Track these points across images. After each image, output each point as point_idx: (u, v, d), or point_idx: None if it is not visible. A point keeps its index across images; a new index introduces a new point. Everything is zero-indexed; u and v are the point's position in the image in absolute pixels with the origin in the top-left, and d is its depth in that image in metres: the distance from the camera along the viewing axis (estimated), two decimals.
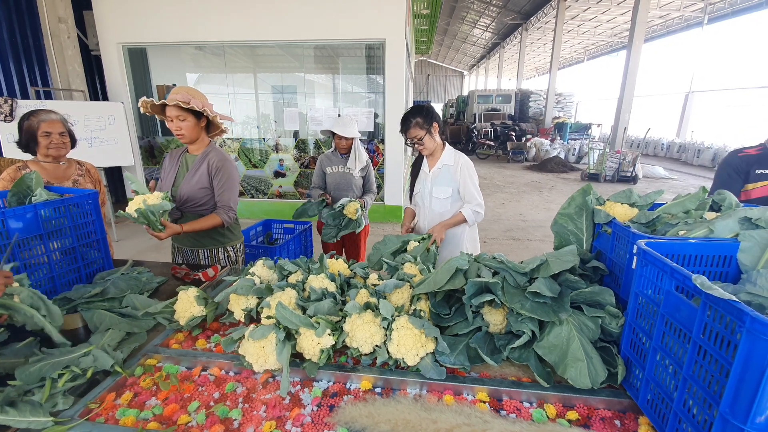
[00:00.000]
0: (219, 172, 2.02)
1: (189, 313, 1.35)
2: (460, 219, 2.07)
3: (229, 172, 2.05)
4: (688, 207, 1.25)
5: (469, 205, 2.09)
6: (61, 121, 2.11)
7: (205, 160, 2.03)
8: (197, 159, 2.05)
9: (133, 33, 5.73)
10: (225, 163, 2.04)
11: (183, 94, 1.88)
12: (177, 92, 1.89)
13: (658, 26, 18.81)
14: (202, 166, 2.03)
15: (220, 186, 2.03)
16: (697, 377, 0.78)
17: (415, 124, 2.06)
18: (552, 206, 7.40)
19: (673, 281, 0.85)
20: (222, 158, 2.05)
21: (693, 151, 14.38)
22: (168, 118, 1.93)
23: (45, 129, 2.05)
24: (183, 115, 1.92)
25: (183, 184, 2.02)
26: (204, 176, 2.02)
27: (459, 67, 40.81)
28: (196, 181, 2.02)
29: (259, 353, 1.10)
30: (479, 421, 0.95)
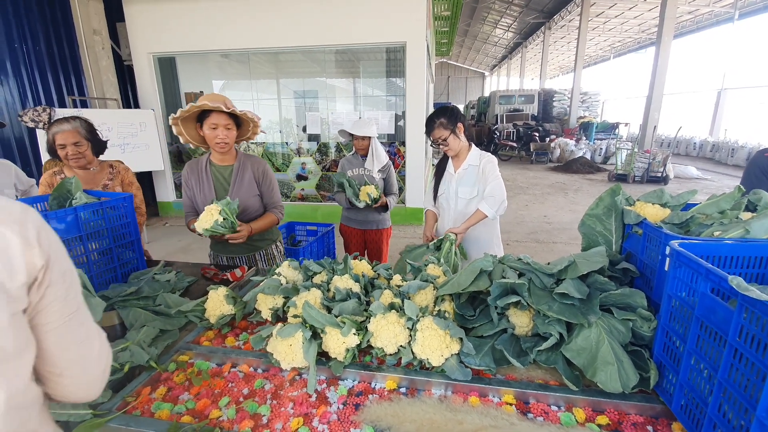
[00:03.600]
0: (265, 177, 2.08)
1: (219, 311, 1.39)
2: (480, 216, 2.04)
3: (272, 173, 2.14)
4: (723, 207, 1.21)
5: (486, 199, 2.04)
6: (75, 131, 2.04)
7: (247, 169, 2.04)
8: (235, 169, 2.02)
9: (163, 43, 5.96)
10: (266, 167, 2.11)
11: (229, 102, 1.79)
12: (216, 99, 1.77)
13: (687, 22, 18.14)
14: (246, 174, 2.03)
15: (268, 189, 2.10)
16: (733, 381, 0.75)
17: (439, 124, 2.06)
18: (578, 208, 7.22)
19: (709, 283, 0.83)
20: (262, 163, 2.10)
21: (727, 150, 13.76)
22: (211, 125, 1.83)
23: (59, 142, 2.01)
24: (231, 124, 1.86)
25: (233, 196, 1.99)
26: (252, 184, 2.04)
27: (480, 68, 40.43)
28: (245, 191, 2.02)
29: (287, 351, 1.13)
30: (506, 424, 0.94)
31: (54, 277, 0.58)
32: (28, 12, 5.17)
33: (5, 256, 0.52)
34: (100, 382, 0.68)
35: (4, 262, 0.52)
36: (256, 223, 1.97)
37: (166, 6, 5.75)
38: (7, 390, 0.52)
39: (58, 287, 0.59)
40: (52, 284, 0.58)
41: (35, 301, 0.57)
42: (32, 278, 0.55)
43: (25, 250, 0.54)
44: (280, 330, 1.16)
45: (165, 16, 5.80)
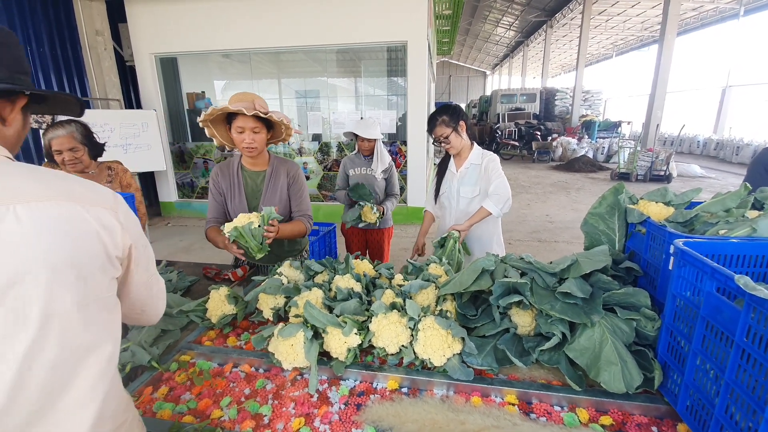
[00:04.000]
0: (295, 181, 1.94)
1: (220, 311, 1.39)
2: (483, 214, 2.02)
3: (303, 178, 1.98)
4: (729, 205, 1.20)
5: (491, 197, 2.03)
6: (70, 136, 2.01)
7: (280, 175, 1.90)
8: (268, 174, 1.89)
9: (165, 43, 5.97)
10: (299, 171, 1.96)
11: (259, 102, 1.63)
12: (244, 99, 1.63)
13: (691, 19, 18.03)
14: (281, 179, 1.90)
15: (297, 194, 1.94)
16: (741, 382, 0.74)
17: (441, 122, 2.04)
18: (580, 207, 7.19)
19: (714, 282, 0.82)
20: (295, 166, 1.96)
21: (731, 148, 13.68)
22: (238, 129, 1.68)
23: (55, 147, 1.99)
24: (259, 127, 1.69)
25: (266, 202, 1.88)
26: (284, 190, 1.92)
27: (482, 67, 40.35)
28: (279, 197, 1.91)
29: (288, 351, 1.12)
30: (508, 424, 0.93)
31: (138, 253, 0.73)
32: (33, 14, 5.19)
33: (112, 235, 0.65)
34: (162, 309, 0.89)
35: (114, 240, 0.65)
36: (284, 226, 1.78)
37: (168, 7, 5.75)
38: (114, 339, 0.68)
39: (141, 259, 0.74)
40: (137, 258, 0.73)
41: (126, 269, 0.72)
42: (125, 254, 0.70)
43: (122, 232, 0.67)
44: (281, 330, 1.15)
45: (167, 17, 5.81)
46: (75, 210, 0.61)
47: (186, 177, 6.72)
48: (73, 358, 0.60)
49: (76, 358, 0.61)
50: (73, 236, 0.60)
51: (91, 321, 0.63)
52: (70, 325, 0.59)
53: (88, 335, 0.62)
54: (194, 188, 6.75)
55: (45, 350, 0.57)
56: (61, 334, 0.58)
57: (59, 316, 0.58)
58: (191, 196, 6.79)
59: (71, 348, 0.60)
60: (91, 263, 0.62)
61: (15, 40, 0.69)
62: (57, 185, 0.61)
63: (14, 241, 0.55)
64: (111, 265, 0.65)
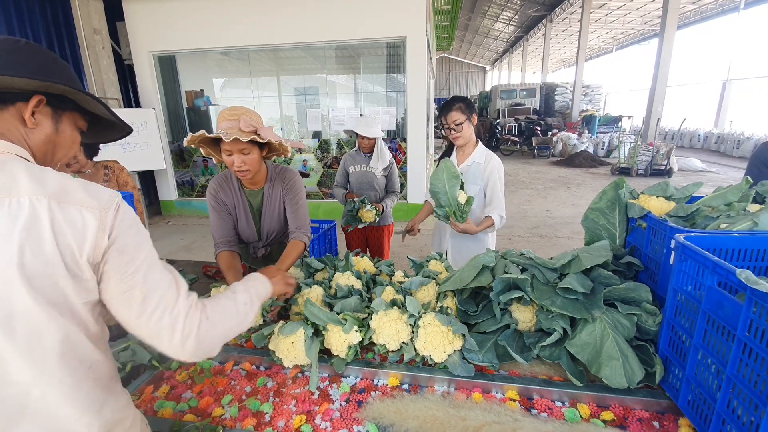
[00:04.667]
0: (290, 191, 1.74)
1: None
2: (489, 223, 2.05)
3: (299, 188, 1.77)
4: (730, 199, 1.19)
5: (496, 210, 2.06)
6: None
7: (277, 190, 1.74)
8: (266, 190, 1.73)
9: (163, 41, 5.94)
10: (295, 181, 1.76)
11: (245, 120, 1.41)
12: (234, 117, 1.44)
13: (691, 12, 17.92)
14: (278, 193, 1.75)
15: (292, 205, 1.74)
16: (743, 377, 0.74)
17: (458, 107, 2.03)
18: (580, 202, 7.18)
19: (716, 276, 0.81)
20: (290, 176, 1.76)
21: (732, 142, 13.63)
22: (226, 152, 1.47)
23: None
24: (248, 148, 1.47)
25: (266, 222, 1.78)
26: (281, 203, 1.77)
27: (481, 63, 40.19)
28: (278, 212, 1.78)
29: (289, 349, 1.12)
30: (509, 420, 0.93)
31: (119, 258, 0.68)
32: (30, 14, 5.17)
33: (82, 236, 0.63)
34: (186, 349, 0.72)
35: (82, 241, 0.63)
36: (283, 263, 1.58)
37: (165, 4, 5.72)
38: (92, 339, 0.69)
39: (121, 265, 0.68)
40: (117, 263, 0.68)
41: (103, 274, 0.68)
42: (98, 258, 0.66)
43: (97, 232, 0.65)
44: (281, 328, 1.15)
45: (165, 15, 5.78)
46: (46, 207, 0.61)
47: (186, 175, 6.71)
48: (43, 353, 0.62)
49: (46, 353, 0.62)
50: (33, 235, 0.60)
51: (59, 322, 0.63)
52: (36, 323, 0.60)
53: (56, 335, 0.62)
54: (194, 187, 6.74)
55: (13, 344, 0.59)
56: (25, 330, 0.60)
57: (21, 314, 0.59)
58: (191, 194, 6.78)
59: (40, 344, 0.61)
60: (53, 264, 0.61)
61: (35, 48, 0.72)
62: (50, 183, 0.63)
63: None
64: (79, 268, 0.64)
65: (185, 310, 0.72)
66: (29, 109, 0.70)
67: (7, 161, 0.64)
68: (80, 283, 0.64)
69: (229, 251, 1.66)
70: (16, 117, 0.69)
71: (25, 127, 0.70)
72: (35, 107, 0.70)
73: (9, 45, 0.70)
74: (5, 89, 0.68)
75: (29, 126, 0.70)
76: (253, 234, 1.79)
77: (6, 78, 0.65)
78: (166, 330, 0.70)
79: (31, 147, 0.71)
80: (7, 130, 0.69)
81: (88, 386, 0.67)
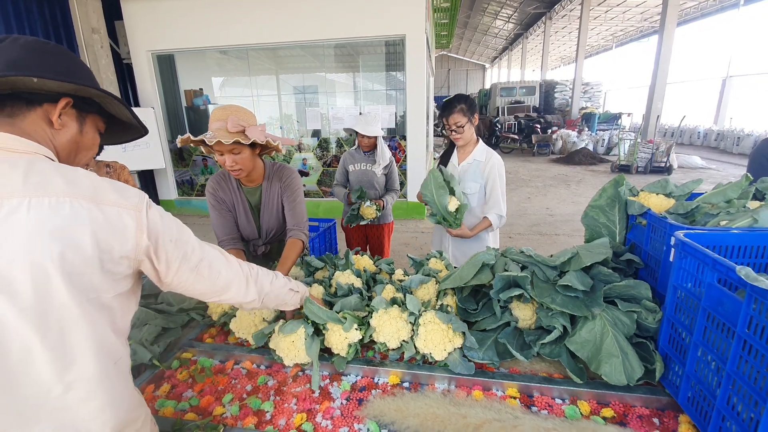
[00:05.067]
0: (288, 188, 1.73)
1: (221, 308, 1.39)
2: (486, 225, 2.06)
3: (297, 185, 1.76)
4: (730, 196, 1.19)
5: (493, 209, 2.07)
6: None
7: (275, 188, 1.74)
8: (264, 188, 1.73)
9: (162, 40, 5.93)
10: (293, 178, 1.75)
11: (232, 119, 1.41)
12: (222, 117, 1.43)
13: (691, 9, 17.87)
14: (275, 191, 1.74)
15: (290, 202, 1.73)
16: (742, 373, 0.74)
17: (460, 110, 2.02)
18: (580, 200, 7.17)
19: (715, 273, 0.81)
20: (288, 173, 1.75)
21: (732, 139, 13.62)
22: (217, 152, 1.48)
23: None
24: (238, 148, 1.47)
25: (265, 220, 1.78)
26: (279, 200, 1.76)
27: (481, 60, 40.11)
28: (276, 210, 1.77)
29: (290, 347, 1.12)
30: (510, 417, 0.93)
31: (166, 253, 0.73)
32: (29, 14, 5.15)
33: (122, 236, 0.66)
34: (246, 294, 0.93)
35: (123, 240, 0.66)
36: (284, 265, 1.55)
37: (164, 3, 5.71)
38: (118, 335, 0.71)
39: (171, 256, 0.74)
40: (166, 257, 0.73)
41: (164, 268, 0.74)
42: (139, 254, 0.69)
43: (136, 232, 0.67)
44: (282, 326, 1.15)
45: (163, 14, 5.77)
46: (86, 208, 0.62)
47: (185, 175, 6.71)
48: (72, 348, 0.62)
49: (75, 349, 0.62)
50: (73, 234, 0.61)
51: (92, 316, 0.64)
52: (69, 318, 0.61)
53: (88, 329, 0.63)
54: (194, 186, 6.73)
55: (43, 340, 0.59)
56: (58, 326, 0.60)
57: (56, 310, 0.60)
58: (191, 194, 6.78)
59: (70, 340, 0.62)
60: (90, 262, 0.63)
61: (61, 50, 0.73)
62: (83, 185, 0.64)
63: (16, 230, 0.57)
64: (114, 264, 0.66)
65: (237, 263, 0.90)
66: (57, 111, 0.70)
67: (36, 161, 0.64)
68: (112, 277, 0.66)
69: (234, 249, 1.68)
70: (43, 118, 0.70)
71: (51, 128, 0.71)
72: (63, 109, 0.71)
73: (38, 46, 0.70)
74: (35, 90, 0.68)
75: (56, 127, 0.71)
76: (253, 231, 1.79)
77: (41, 80, 0.66)
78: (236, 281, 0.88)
79: (56, 148, 0.73)
80: (34, 131, 0.69)
81: (113, 382, 0.67)
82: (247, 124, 1.44)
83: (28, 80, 0.65)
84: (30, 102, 0.69)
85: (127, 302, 0.72)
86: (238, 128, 1.41)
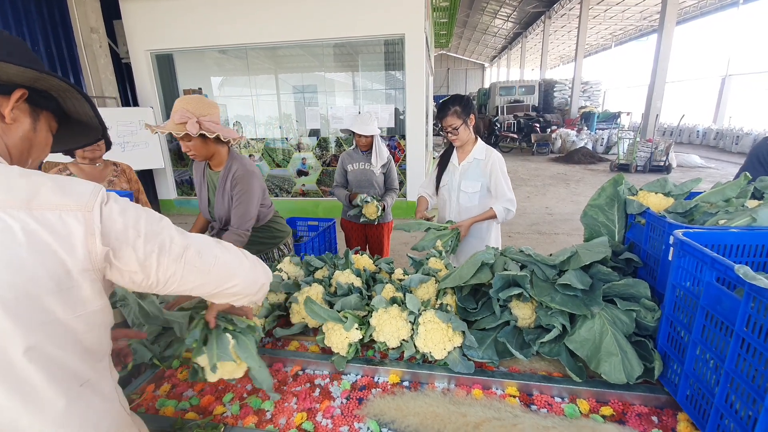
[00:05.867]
0: (237, 185, 1.80)
1: None
2: (489, 215, 2.03)
3: (247, 181, 1.81)
4: (729, 195, 1.20)
5: (500, 201, 2.04)
6: None
7: (228, 175, 1.82)
8: (221, 175, 1.84)
9: (161, 40, 5.93)
10: (244, 172, 1.81)
11: (181, 111, 1.59)
12: (175, 110, 1.61)
13: (690, 8, 17.89)
14: (227, 182, 1.83)
15: (236, 199, 1.80)
16: (741, 371, 0.75)
17: (453, 112, 2.02)
18: (580, 199, 7.18)
19: (714, 272, 0.82)
20: (244, 169, 1.81)
21: (731, 138, 13.65)
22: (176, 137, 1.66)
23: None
24: (188, 136, 1.64)
25: (216, 206, 1.88)
26: (230, 192, 1.84)
27: (480, 60, 40.09)
28: (226, 200, 1.84)
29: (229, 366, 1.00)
30: (509, 416, 0.94)
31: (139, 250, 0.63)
32: (27, 13, 5.14)
33: (70, 245, 0.56)
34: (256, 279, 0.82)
35: (73, 250, 0.56)
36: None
37: (162, 3, 5.70)
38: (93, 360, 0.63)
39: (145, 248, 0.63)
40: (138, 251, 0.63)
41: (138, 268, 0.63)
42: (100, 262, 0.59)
43: (85, 237, 0.57)
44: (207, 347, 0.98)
45: (162, 13, 5.76)
46: (18, 220, 0.53)
47: (185, 174, 6.70)
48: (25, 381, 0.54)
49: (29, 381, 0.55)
50: (6, 253, 0.52)
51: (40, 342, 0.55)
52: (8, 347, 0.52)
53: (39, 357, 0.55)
54: (193, 185, 6.73)
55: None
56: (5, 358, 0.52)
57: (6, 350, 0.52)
58: (190, 193, 6.78)
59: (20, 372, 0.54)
60: (34, 283, 0.54)
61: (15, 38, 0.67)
62: (16, 189, 0.55)
63: None
64: (72, 281, 0.57)
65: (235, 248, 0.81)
66: (11, 103, 0.62)
67: None
68: (72, 294, 0.57)
69: (205, 219, 1.96)
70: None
71: (2, 122, 0.63)
72: (17, 101, 0.63)
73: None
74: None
75: (7, 121, 0.63)
76: (207, 213, 1.96)
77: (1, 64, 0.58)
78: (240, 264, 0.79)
79: (7, 146, 0.64)
80: None
81: (81, 407, 0.60)
82: (196, 115, 1.60)
83: None
84: None
85: (94, 318, 0.62)
86: (183, 120, 1.58)
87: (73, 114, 0.76)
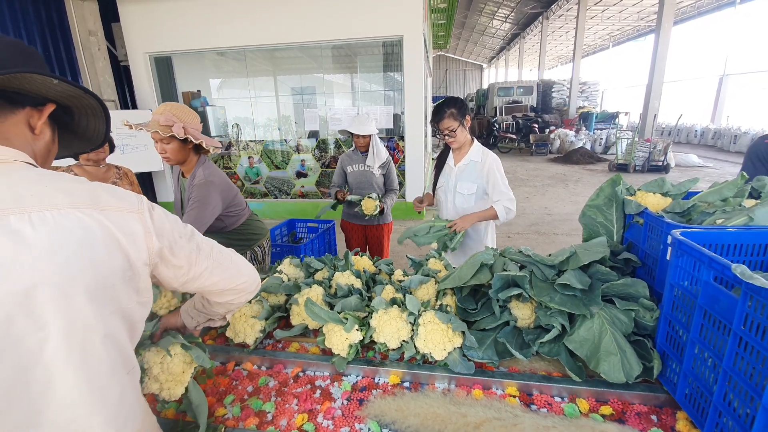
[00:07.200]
0: (193, 193, 1.77)
1: None
2: (491, 214, 2.03)
3: (201, 192, 1.76)
4: (726, 195, 1.20)
5: (500, 201, 2.04)
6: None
7: (192, 182, 1.81)
8: (188, 182, 1.84)
9: (159, 42, 5.93)
10: (203, 184, 1.77)
11: (167, 115, 1.65)
12: (161, 112, 1.66)
13: (687, 7, 17.93)
14: (190, 189, 1.82)
15: (189, 206, 1.77)
16: (738, 370, 0.75)
17: (450, 114, 2.02)
18: (578, 199, 7.20)
19: (712, 271, 0.82)
20: (204, 179, 1.78)
21: (729, 137, 13.68)
22: (153, 138, 1.73)
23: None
24: (167, 139, 1.70)
25: (185, 211, 1.84)
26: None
27: (478, 60, 40.16)
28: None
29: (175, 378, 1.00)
30: (509, 416, 0.94)
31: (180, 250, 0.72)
32: (25, 16, 5.14)
33: (134, 242, 0.64)
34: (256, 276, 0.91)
35: (137, 246, 0.64)
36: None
37: (160, 5, 5.71)
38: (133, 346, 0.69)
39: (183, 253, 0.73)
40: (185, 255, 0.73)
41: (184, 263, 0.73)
42: (154, 259, 0.68)
43: (145, 236, 0.66)
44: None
45: (160, 16, 5.76)
46: (94, 218, 0.59)
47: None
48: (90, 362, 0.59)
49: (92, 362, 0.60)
50: (90, 247, 0.58)
51: (112, 329, 0.62)
52: (90, 335, 0.58)
53: (107, 342, 0.61)
54: None
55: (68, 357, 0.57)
56: (81, 345, 0.58)
57: (79, 328, 0.57)
58: None
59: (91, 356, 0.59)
60: (110, 273, 0.60)
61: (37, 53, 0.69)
62: (79, 192, 0.60)
63: (28, 251, 0.53)
64: (134, 273, 0.64)
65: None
66: (44, 116, 0.66)
67: (18, 170, 0.59)
68: (133, 285, 0.64)
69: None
70: (23, 122, 0.64)
71: (32, 133, 0.66)
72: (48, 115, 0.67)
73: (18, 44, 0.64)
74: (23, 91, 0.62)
75: (36, 133, 0.66)
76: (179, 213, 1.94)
77: (46, 78, 0.61)
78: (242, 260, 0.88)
79: (35, 153, 0.67)
80: (15, 136, 0.63)
81: (129, 395, 0.66)
82: (181, 122, 1.66)
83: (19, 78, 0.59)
84: (15, 103, 0.62)
85: (143, 309, 0.69)
86: (170, 122, 1.64)
87: (80, 127, 0.78)
